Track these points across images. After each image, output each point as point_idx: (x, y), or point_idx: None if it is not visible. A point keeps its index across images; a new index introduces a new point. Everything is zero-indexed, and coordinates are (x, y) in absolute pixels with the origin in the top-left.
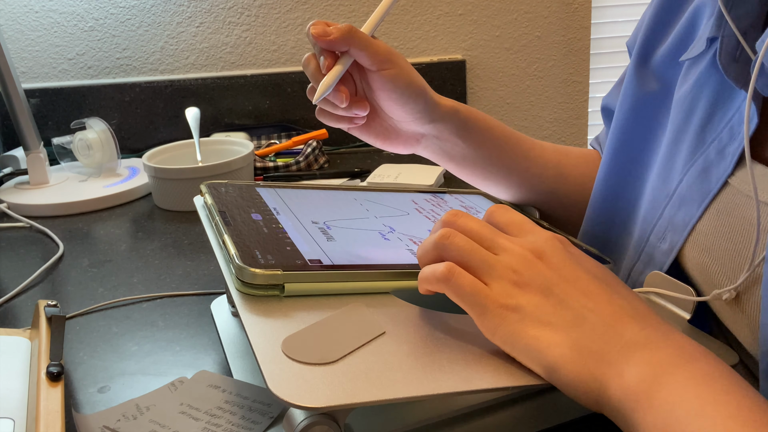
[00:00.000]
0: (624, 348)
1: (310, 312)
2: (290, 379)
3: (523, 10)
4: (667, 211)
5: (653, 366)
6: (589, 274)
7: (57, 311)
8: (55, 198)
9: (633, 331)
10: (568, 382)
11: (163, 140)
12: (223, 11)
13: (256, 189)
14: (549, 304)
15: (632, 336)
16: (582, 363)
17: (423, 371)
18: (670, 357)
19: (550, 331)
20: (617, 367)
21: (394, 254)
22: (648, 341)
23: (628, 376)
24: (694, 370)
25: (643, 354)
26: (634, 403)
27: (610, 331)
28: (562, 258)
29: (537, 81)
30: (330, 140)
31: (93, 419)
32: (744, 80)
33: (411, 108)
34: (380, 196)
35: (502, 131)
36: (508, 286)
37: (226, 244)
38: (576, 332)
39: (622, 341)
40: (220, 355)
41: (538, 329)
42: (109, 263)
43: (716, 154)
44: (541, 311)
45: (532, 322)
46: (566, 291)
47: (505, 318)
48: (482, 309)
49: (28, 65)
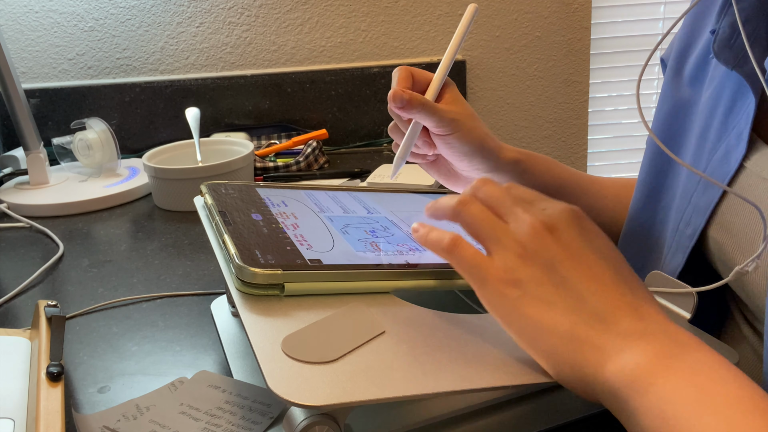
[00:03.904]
0: (621, 337)
1: (309, 311)
2: (290, 377)
3: (523, 10)
4: (694, 198)
5: (650, 356)
6: (596, 254)
7: (57, 311)
8: (55, 198)
9: (632, 321)
10: (562, 370)
11: (163, 140)
12: (223, 11)
13: (256, 189)
14: (551, 283)
15: (630, 325)
16: (578, 350)
17: (423, 370)
18: (667, 347)
19: (549, 313)
20: (614, 356)
21: (393, 254)
22: (646, 332)
23: (625, 364)
24: (692, 361)
25: (639, 344)
26: (631, 391)
27: (609, 319)
28: (574, 234)
29: (537, 81)
30: (330, 140)
31: (93, 419)
32: (734, 63)
33: (474, 163)
34: (380, 196)
35: (562, 173)
36: (511, 259)
37: (226, 244)
38: (575, 316)
39: (620, 329)
40: (220, 355)
41: (537, 309)
42: (109, 263)
43: (735, 139)
44: (541, 289)
45: (531, 301)
46: (570, 270)
47: (505, 294)
48: (482, 282)
49: (28, 65)
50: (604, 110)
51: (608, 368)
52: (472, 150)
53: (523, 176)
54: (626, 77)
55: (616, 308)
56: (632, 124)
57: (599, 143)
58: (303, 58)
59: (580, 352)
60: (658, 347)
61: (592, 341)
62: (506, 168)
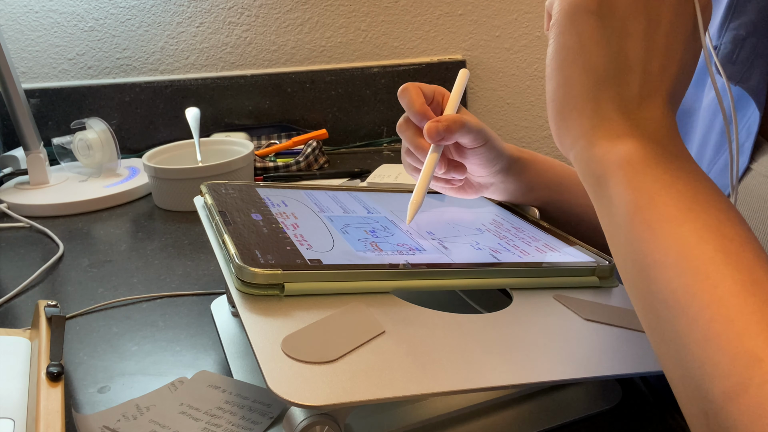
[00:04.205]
0: (630, 126)
1: (309, 311)
2: (290, 377)
3: (523, 10)
4: None
5: (657, 140)
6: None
7: (57, 311)
8: (55, 198)
9: (650, 113)
10: (569, 114)
11: (163, 140)
12: (223, 11)
13: (256, 189)
14: (560, 48)
15: (643, 120)
16: (588, 101)
17: (422, 370)
18: (674, 144)
19: (559, 73)
20: (613, 138)
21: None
22: (653, 129)
23: (628, 140)
24: (693, 168)
25: (640, 138)
26: (624, 162)
27: (633, 103)
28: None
29: (537, 81)
30: (330, 140)
31: (93, 419)
32: (738, 78)
33: (495, 167)
34: (380, 196)
35: (562, 169)
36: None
37: (226, 244)
38: (589, 78)
39: (634, 117)
40: (220, 355)
41: (584, 49)
42: (109, 263)
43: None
44: (600, 37)
45: (592, 36)
46: (634, 36)
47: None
48: None
49: (28, 65)
50: None
51: (601, 145)
52: (494, 158)
53: (525, 173)
54: None
55: (647, 96)
56: None
57: None
58: (303, 58)
59: (585, 111)
60: (662, 138)
61: (608, 106)
62: (513, 166)
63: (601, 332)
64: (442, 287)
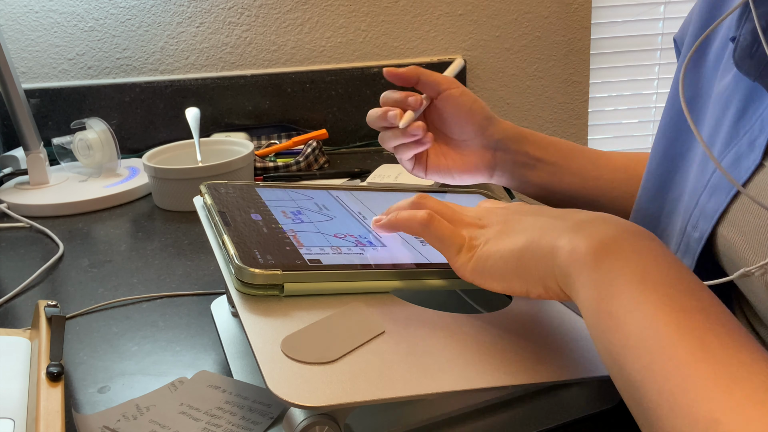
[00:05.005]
0: (572, 230)
1: (309, 312)
2: (289, 378)
3: (523, 10)
4: (701, 201)
5: (599, 239)
6: (538, 208)
7: (57, 311)
8: (55, 198)
9: (584, 215)
10: (531, 278)
11: (163, 140)
12: (223, 11)
13: (256, 189)
14: (507, 228)
15: (584, 216)
16: (537, 250)
17: (422, 370)
18: (617, 232)
19: (507, 240)
20: (566, 244)
21: (393, 254)
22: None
23: (576, 246)
24: (639, 246)
25: (589, 231)
26: (581, 267)
27: (563, 217)
28: (510, 205)
29: (537, 81)
30: (330, 140)
31: (93, 419)
32: (756, 74)
33: (478, 121)
34: (380, 196)
35: (567, 143)
36: (475, 231)
37: (226, 245)
38: (531, 233)
39: (575, 219)
40: (220, 355)
41: (497, 245)
42: (109, 263)
43: (747, 146)
44: (501, 234)
45: (495, 243)
46: (520, 217)
47: (475, 252)
48: (458, 248)
49: (28, 65)
50: (604, 110)
51: (560, 255)
52: (474, 107)
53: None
54: (626, 77)
55: (568, 212)
56: (632, 124)
57: (599, 143)
58: (303, 58)
59: (539, 250)
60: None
61: (547, 239)
62: (508, 131)
63: None
64: (442, 287)
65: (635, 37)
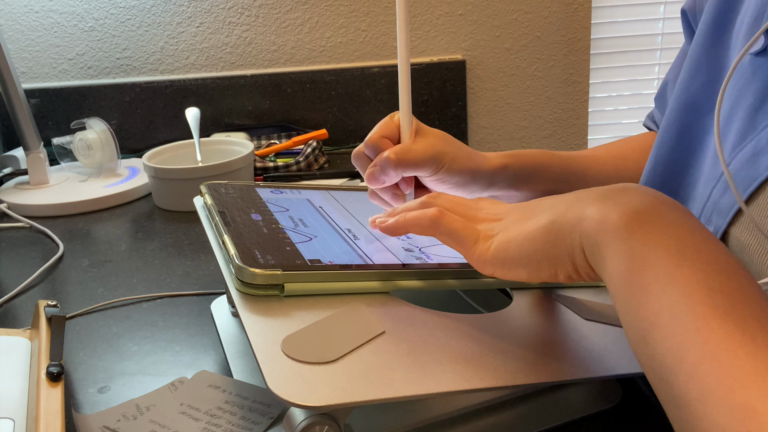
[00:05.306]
0: (605, 193)
1: (309, 312)
2: (290, 378)
3: (523, 10)
4: (714, 194)
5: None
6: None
7: (57, 311)
8: (55, 198)
9: (613, 186)
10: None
11: (163, 140)
12: (223, 11)
13: (256, 189)
14: (527, 213)
15: (614, 186)
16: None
17: (422, 370)
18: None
19: (527, 223)
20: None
21: (393, 254)
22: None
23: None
24: (676, 217)
25: (624, 197)
26: (612, 236)
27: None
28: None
29: (537, 81)
30: (330, 140)
31: (93, 419)
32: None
33: (470, 187)
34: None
35: (554, 161)
36: (490, 224)
37: (226, 245)
38: (556, 208)
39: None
40: (220, 355)
41: (520, 227)
42: (109, 263)
43: (767, 142)
44: (520, 220)
45: (515, 227)
46: (539, 201)
47: (493, 240)
48: (474, 240)
49: (28, 65)
50: (604, 110)
51: (589, 224)
52: (464, 179)
53: (514, 180)
54: (626, 77)
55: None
56: (632, 124)
57: (599, 143)
58: (303, 58)
59: (566, 224)
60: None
61: (574, 211)
62: (497, 177)
63: (601, 332)
64: (442, 287)
65: (635, 37)
